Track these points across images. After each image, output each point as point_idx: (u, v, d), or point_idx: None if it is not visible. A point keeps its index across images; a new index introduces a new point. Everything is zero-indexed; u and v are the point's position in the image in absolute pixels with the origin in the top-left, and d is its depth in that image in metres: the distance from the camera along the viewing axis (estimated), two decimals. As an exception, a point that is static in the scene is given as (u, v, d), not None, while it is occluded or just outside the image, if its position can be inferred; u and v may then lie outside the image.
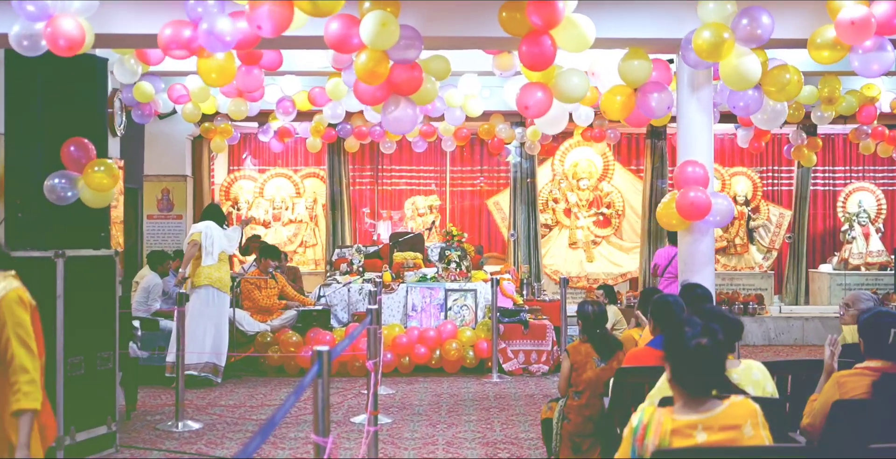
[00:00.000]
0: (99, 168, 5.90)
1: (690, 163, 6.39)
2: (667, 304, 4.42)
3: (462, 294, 10.15)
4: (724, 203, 6.38)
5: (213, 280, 8.76)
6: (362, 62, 5.93)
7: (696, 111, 6.68)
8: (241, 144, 14.10)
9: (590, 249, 13.31)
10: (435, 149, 14.00)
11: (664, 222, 6.59)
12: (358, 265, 10.56)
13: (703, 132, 6.62)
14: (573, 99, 6.52)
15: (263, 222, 13.51)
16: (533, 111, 6.37)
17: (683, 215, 6.25)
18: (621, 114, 6.76)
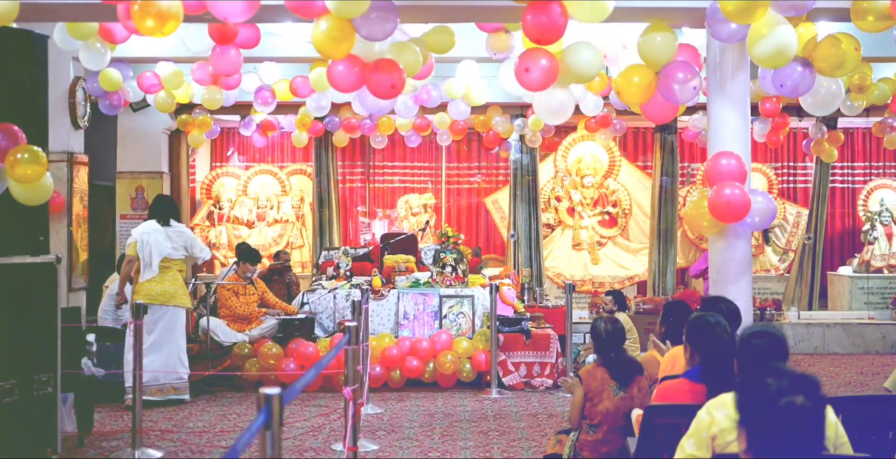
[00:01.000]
0: (22, 155, 5.05)
1: (724, 155, 5.51)
2: (707, 326, 3.59)
3: (458, 301, 9.33)
4: (765, 202, 5.50)
5: (153, 296, 7.65)
6: (321, 31, 5.06)
7: (730, 94, 5.78)
8: (223, 138, 13.27)
9: (595, 250, 12.48)
10: (430, 144, 13.18)
11: (693, 224, 5.75)
12: (345, 269, 9.73)
13: (739, 119, 5.74)
14: (583, 77, 5.66)
15: (247, 222, 12.68)
16: (534, 77, 5.45)
17: (718, 215, 5.38)
18: (640, 98, 5.86)
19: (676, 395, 3.52)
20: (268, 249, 12.56)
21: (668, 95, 5.64)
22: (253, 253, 9.13)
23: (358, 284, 9.55)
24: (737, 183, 5.33)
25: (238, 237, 12.55)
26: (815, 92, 5.66)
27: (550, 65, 5.52)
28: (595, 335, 4.71)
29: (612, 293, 9.42)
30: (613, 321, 4.73)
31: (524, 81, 5.66)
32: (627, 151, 13.14)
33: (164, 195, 9.61)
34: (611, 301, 9.38)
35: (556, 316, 10.40)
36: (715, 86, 5.82)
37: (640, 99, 5.85)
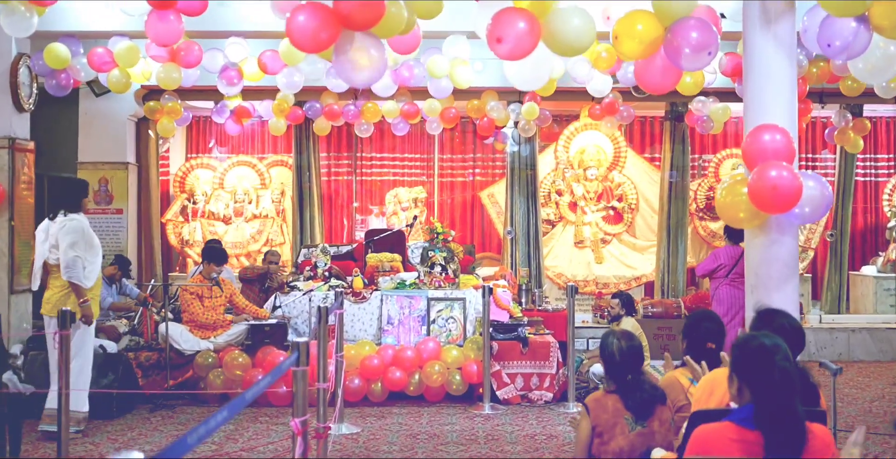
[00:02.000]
0: None
1: (768, 129, 4.51)
2: (763, 353, 2.62)
3: (448, 304, 8.40)
4: (818, 188, 4.50)
5: (49, 308, 6.46)
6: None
7: (774, 52, 4.78)
8: (199, 127, 12.33)
9: (598, 248, 11.54)
10: (420, 134, 12.25)
11: (728, 215, 4.76)
12: (323, 269, 8.79)
13: (784, 83, 4.73)
14: (568, 49, 4.71)
15: (223, 218, 11.74)
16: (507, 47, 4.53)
17: (760, 204, 4.39)
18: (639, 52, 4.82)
19: (719, 445, 2.56)
20: (245, 246, 11.64)
21: (674, 57, 4.66)
22: (219, 253, 8.20)
23: (337, 285, 8.64)
24: (784, 163, 4.35)
25: (213, 234, 11.61)
26: (870, 55, 4.68)
27: (529, 30, 4.55)
28: (606, 354, 3.78)
29: (619, 296, 8.48)
30: (628, 337, 3.79)
31: (497, 50, 4.70)
32: (633, 142, 12.20)
33: (67, 178, 8.39)
34: (618, 305, 8.44)
35: (556, 321, 9.47)
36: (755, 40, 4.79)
37: (638, 53, 4.84)
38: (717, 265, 8.85)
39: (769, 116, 4.64)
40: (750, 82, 4.89)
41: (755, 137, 4.50)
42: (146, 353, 7.98)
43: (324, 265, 8.81)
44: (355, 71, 4.49)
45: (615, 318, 8.53)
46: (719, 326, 4.05)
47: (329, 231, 12.28)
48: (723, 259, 8.85)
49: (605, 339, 3.82)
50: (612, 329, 3.94)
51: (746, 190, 4.41)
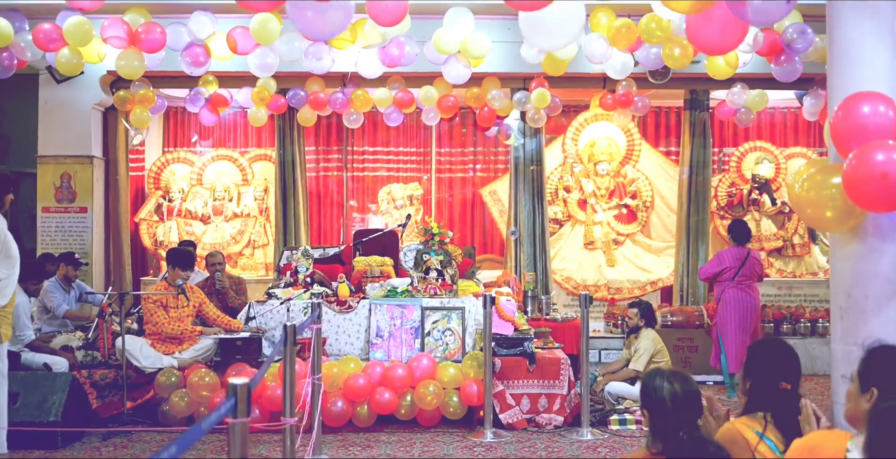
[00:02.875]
0: None
1: (867, 98, 3.46)
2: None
3: (445, 314, 7.44)
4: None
5: None
6: None
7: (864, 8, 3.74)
8: (177, 117, 11.36)
9: (610, 250, 10.57)
10: (416, 125, 11.29)
11: (810, 214, 3.71)
12: (304, 275, 7.83)
13: (880, 43, 3.71)
14: None
15: (202, 217, 10.77)
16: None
17: (862, 199, 3.34)
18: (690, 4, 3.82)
19: None
20: (226, 248, 10.66)
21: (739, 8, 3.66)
22: (184, 256, 7.23)
23: (320, 293, 7.67)
24: (891, 143, 3.33)
25: (190, 234, 10.66)
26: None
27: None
28: (653, 402, 2.81)
29: (638, 306, 7.53)
30: (682, 379, 2.81)
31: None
32: (647, 135, 11.22)
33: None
34: (636, 315, 7.50)
35: (566, 332, 8.52)
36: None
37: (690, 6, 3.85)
38: (722, 268, 8.23)
39: (863, 81, 3.62)
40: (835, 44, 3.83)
41: (850, 109, 3.46)
42: (102, 370, 7.02)
43: (305, 270, 7.85)
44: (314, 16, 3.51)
45: (633, 330, 7.58)
46: (794, 359, 3.09)
47: (317, 232, 11.34)
48: (728, 261, 8.22)
49: (650, 381, 2.85)
50: (660, 369, 2.94)
51: (840, 180, 3.39)
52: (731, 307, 8.26)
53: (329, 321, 7.54)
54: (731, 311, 8.28)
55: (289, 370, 4.44)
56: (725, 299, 8.25)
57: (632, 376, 7.45)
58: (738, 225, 8.54)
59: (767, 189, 10.70)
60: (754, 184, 10.71)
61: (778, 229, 10.67)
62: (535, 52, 7.09)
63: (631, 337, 7.67)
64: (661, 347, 7.43)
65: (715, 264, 8.39)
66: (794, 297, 10.36)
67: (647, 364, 7.38)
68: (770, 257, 10.66)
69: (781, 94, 10.20)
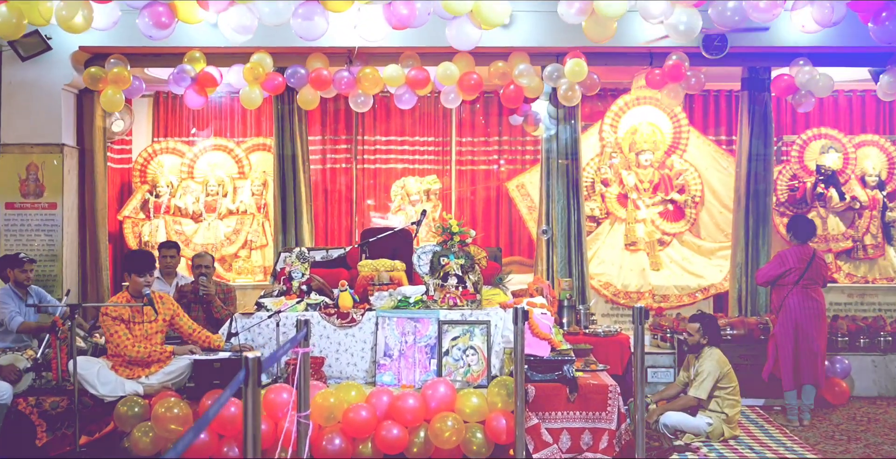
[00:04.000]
0: None
1: None
2: None
3: (466, 330, 6.19)
4: None
5: None
6: None
7: None
8: (166, 105, 10.16)
9: (655, 251, 9.27)
10: (434, 109, 10.06)
11: None
12: (299, 282, 6.59)
13: None
14: None
15: (193, 214, 9.57)
16: None
17: None
18: None
19: None
20: (219, 249, 9.46)
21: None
22: (139, 259, 6.00)
23: (318, 303, 6.44)
24: None
25: (179, 233, 9.47)
26: None
27: None
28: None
29: (700, 320, 6.25)
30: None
31: None
32: (695, 121, 9.90)
33: None
34: (698, 331, 6.21)
35: (609, 348, 7.26)
36: None
37: None
38: (785, 270, 7.12)
39: None
40: None
41: None
42: (53, 398, 5.84)
43: (300, 277, 6.61)
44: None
45: (694, 348, 6.28)
46: None
47: (323, 231, 10.12)
48: (791, 262, 7.14)
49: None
50: None
51: None
52: (794, 314, 7.10)
53: (328, 338, 6.31)
54: (793, 319, 7.07)
55: (251, 419, 3.20)
56: (788, 305, 7.13)
57: (692, 405, 6.16)
58: (799, 220, 7.40)
59: (834, 182, 9.36)
60: (819, 176, 9.38)
61: (847, 228, 9.33)
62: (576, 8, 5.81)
63: (690, 357, 6.39)
64: (727, 370, 6.13)
65: (776, 265, 7.19)
66: (868, 306, 9.02)
67: (712, 391, 6.08)
68: (838, 260, 9.33)
69: (850, 73, 8.88)
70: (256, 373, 3.25)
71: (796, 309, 7.09)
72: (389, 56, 8.28)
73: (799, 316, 7.09)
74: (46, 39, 7.95)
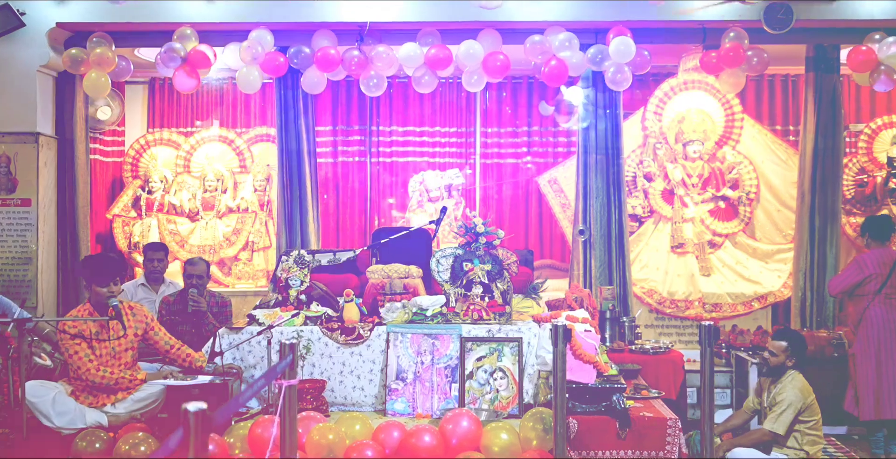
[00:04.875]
0: None
1: None
2: None
3: (494, 349, 5.21)
4: None
5: None
6: None
7: None
8: (162, 92, 9.23)
9: (705, 254, 8.22)
10: (456, 95, 9.07)
11: None
12: (297, 290, 5.62)
13: None
14: None
15: (189, 212, 8.64)
16: None
17: None
18: None
19: None
20: (217, 252, 8.53)
21: None
22: (101, 265, 5.04)
23: (318, 315, 5.47)
24: None
25: (174, 234, 8.54)
26: None
27: None
28: None
29: (788, 337, 5.19)
30: None
31: None
32: (749, 107, 8.83)
33: None
34: (784, 351, 5.14)
35: (659, 368, 6.26)
36: None
37: None
38: (864, 277, 6.15)
39: None
40: None
41: None
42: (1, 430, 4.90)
43: (298, 284, 5.64)
44: None
45: (773, 370, 5.22)
46: None
47: (334, 232, 9.14)
48: (872, 267, 6.18)
49: None
50: None
51: None
52: (875, 330, 6.10)
53: (330, 357, 5.35)
54: (874, 336, 6.05)
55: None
56: (869, 319, 6.15)
57: (767, 440, 5.12)
58: (875, 219, 6.45)
59: (909, 176, 8.29)
60: (891, 169, 8.29)
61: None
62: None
63: (763, 380, 5.34)
64: (811, 400, 5.08)
65: (854, 271, 6.18)
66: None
67: (791, 424, 5.04)
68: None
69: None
70: (198, 427, 2.28)
71: (878, 324, 6.08)
72: (406, 33, 7.32)
73: (881, 332, 6.07)
74: (19, 14, 7.08)
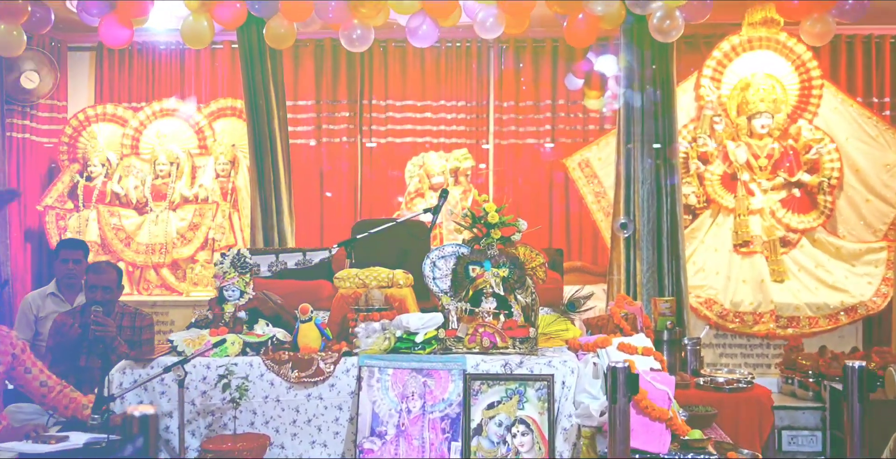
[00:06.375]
0: None
1: None
2: None
3: (513, 391, 3.59)
4: None
5: None
6: None
7: None
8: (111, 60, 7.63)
9: (777, 255, 6.55)
10: (464, 62, 7.46)
11: None
12: (235, 306, 3.96)
13: None
14: None
15: (136, 203, 7.05)
16: None
17: None
18: None
19: None
20: (170, 252, 6.93)
21: None
22: None
23: (262, 342, 3.85)
24: None
25: (118, 229, 6.96)
26: None
27: None
28: None
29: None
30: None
31: None
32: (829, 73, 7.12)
33: None
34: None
35: (739, 409, 4.59)
36: None
37: None
38: None
39: None
40: None
41: None
42: None
43: (237, 296, 3.99)
44: None
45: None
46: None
47: (317, 227, 7.54)
48: None
49: None
50: None
51: None
52: None
53: (278, 401, 3.72)
54: None
55: None
56: None
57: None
58: None
59: None
60: None
61: None
62: None
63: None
64: None
65: None
66: None
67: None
68: None
69: None
70: None
71: None
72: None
73: None
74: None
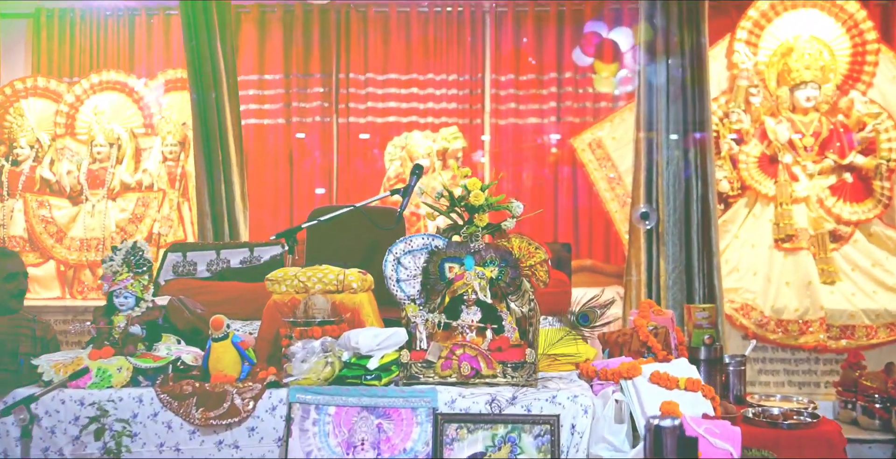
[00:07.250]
0: None
1: None
2: None
3: (502, 437, 2.54)
4: None
5: None
6: None
7: None
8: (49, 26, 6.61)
9: (825, 251, 5.50)
10: (456, 29, 6.43)
11: None
12: (126, 318, 2.92)
13: None
14: None
15: (70, 191, 6.04)
16: None
17: None
18: None
19: None
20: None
21: None
22: None
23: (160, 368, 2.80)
24: None
25: (48, 222, 5.96)
26: None
27: None
28: None
29: None
30: None
31: None
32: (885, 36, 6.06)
33: None
34: None
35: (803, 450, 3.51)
36: None
37: None
38: None
39: None
40: None
41: None
42: None
43: (131, 304, 2.95)
44: None
45: None
46: None
47: (286, 219, 6.50)
48: None
49: None
50: None
51: None
52: None
53: (178, 450, 2.67)
54: None
55: None
56: None
57: None
58: None
59: None
60: None
61: None
62: None
63: None
64: None
65: None
66: None
67: None
68: None
69: None
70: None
71: None
72: None
73: None
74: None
